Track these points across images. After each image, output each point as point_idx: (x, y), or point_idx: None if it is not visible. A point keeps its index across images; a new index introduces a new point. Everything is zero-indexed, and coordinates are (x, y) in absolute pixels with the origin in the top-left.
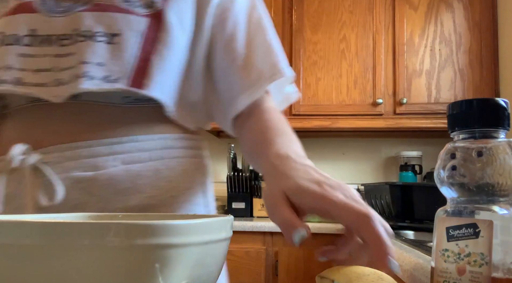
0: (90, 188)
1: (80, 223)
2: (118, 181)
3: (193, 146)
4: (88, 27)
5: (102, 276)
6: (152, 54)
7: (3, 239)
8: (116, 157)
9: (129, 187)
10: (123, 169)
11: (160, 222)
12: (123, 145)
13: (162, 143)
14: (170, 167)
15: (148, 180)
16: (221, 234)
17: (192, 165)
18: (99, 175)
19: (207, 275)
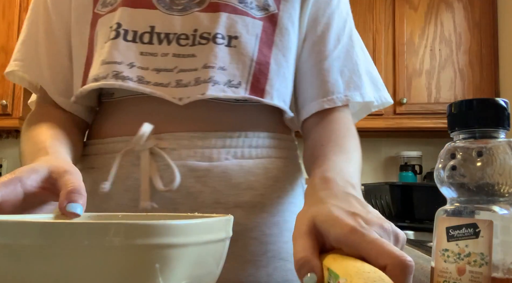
0: (205, 178)
1: (80, 223)
2: (231, 175)
3: (292, 147)
4: (207, 28)
5: (102, 276)
6: (270, 58)
7: (3, 239)
8: (228, 151)
9: (241, 182)
10: (236, 163)
11: (160, 222)
12: (235, 140)
13: (268, 142)
14: (277, 167)
15: (259, 178)
16: (221, 234)
17: (294, 166)
18: (213, 166)
19: (207, 275)
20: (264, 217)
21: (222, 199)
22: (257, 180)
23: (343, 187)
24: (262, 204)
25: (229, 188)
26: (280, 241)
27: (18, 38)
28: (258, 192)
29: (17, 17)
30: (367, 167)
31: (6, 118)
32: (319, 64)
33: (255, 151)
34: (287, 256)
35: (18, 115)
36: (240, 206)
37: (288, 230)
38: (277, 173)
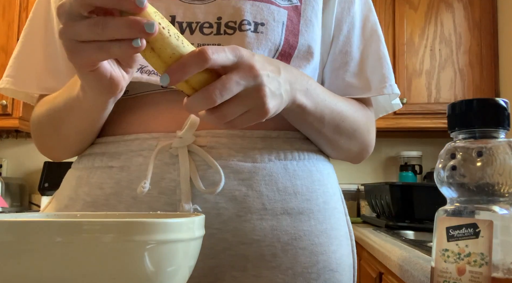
0: (250, 180)
1: (51, 221)
2: (277, 178)
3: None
4: (232, 16)
5: (74, 272)
6: (295, 48)
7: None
8: (271, 151)
9: (288, 186)
10: (281, 166)
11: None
12: (275, 140)
13: (306, 143)
14: (319, 170)
15: (304, 181)
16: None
17: (331, 169)
18: (258, 168)
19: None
20: (312, 224)
21: (269, 205)
22: (303, 184)
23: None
24: (309, 211)
25: (276, 193)
26: (329, 250)
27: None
28: (305, 197)
29: (17, 17)
30: (367, 167)
31: (6, 118)
32: (349, 65)
33: (298, 152)
34: (337, 267)
35: (18, 115)
36: (288, 213)
37: (335, 238)
38: (320, 176)
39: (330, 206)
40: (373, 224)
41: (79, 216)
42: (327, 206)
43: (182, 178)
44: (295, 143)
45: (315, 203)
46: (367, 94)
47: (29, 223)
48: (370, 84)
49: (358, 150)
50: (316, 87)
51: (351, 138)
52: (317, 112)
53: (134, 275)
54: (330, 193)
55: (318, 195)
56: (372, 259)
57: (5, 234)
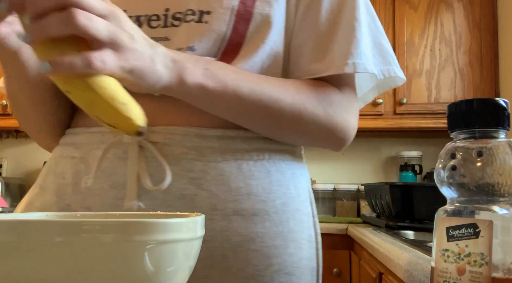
0: (200, 180)
1: (51, 220)
2: (230, 178)
3: (294, 148)
4: (179, 6)
5: (74, 272)
6: (244, 36)
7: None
8: (226, 151)
9: (241, 186)
10: (235, 165)
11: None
12: (233, 139)
13: (268, 142)
14: (280, 170)
15: (260, 182)
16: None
17: (299, 169)
18: (210, 167)
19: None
20: (266, 226)
21: (219, 205)
22: (259, 185)
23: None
24: (264, 212)
25: (227, 193)
26: (285, 253)
27: None
28: (260, 198)
29: None
30: (367, 167)
31: (6, 118)
32: (315, 39)
33: (257, 152)
34: (294, 271)
35: None
36: (240, 214)
37: (294, 240)
38: (280, 177)
39: (291, 208)
40: (373, 224)
41: (79, 216)
42: (287, 207)
43: (129, 174)
44: (255, 143)
45: (272, 204)
46: (327, 72)
47: (29, 223)
48: (334, 60)
49: (317, 132)
50: (223, 67)
51: (297, 122)
52: (228, 94)
53: (134, 275)
54: (292, 194)
55: (276, 196)
56: (372, 259)
57: (5, 234)
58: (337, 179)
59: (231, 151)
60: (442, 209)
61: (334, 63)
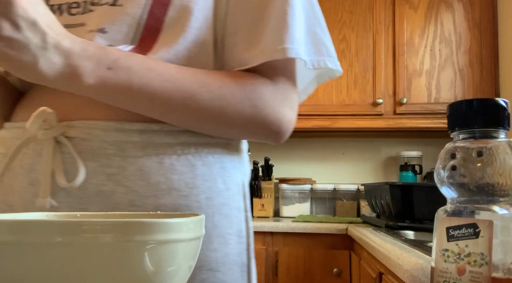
0: (119, 175)
1: (51, 220)
2: (150, 173)
3: (229, 141)
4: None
5: (75, 272)
6: (163, 20)
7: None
8: (148, 146)
9: (161, 181)
10: (156, 160)
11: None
12: (156, 133)
13: (196, 135)
14: (207, 164)
15: (183, 176)
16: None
17: (231, 162)
18: (129, 162)
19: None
20: None
21: (138, 201)
22: (181, 179)
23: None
24: (186, 208)
25: (146, 189)
26: (207, 249)
27: None
28: (182, 193)
29: None
30: (367, 167)
31: None
32: (244, 29)
33: (182, 146)
34: (217, 266)
35: None
36: (160, 210)
37: (218, 236)
38: (206, 171)
39: (216, 202)
40: (373, 224)
41: (79, 216)
42: (211, 202)
43: (42, 170)
44: (181, 136)
45: (195, 199)
46: (257, 61)
47: (29, 223)
48: (265, 47)
49: (248, 127)
50: (135, 64)
51: (219, 117)
52: (133, 92)
53: (134, 275)
54: (219, 189)
55: (200, 191)
56: (372, 259)
57: (5, 234)
58: (337, 179)
59: (153, 145)
60: (442, 209)
61: (265, 51)
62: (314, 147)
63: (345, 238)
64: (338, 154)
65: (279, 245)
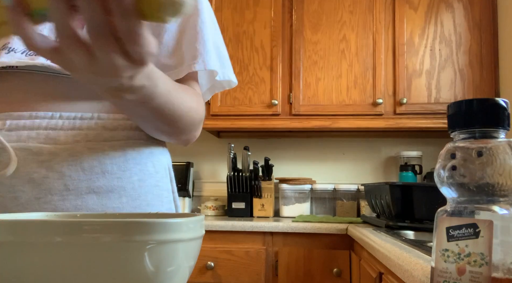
0: (51, 162)
1: (50, 221)
2: (82, 158)
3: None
4: None
5: (76, 272)
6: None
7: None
8: (78, 133)
9: (95, 165)
10: (87, 146)
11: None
12: (85, 121)
13: (127, 124)
14: (137, 149)
15: (115, 160)
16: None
17: (157, 148)
18: (60, 149)
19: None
20: (123, 202)
21: (72, 185)
22: (113, 163)
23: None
24: (120, 188)
25: (80, 173)
26: None
27: None
28: (115, 175)
29: None
30: (367, 167)
31: None
32: (162, 38)
33: (111, 133)
34: None
35: None
36: (94, 192)
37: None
38: (136, 155)
39: (148, 184)
40: (373, 224)
41: (79, 216)
42: (144, 183)
43: None
44: (109, 124)
45: (128, 181)
46: (179, 71)
47: (29, 223)
48: (183, 60)
49: (184, 138)
50: (164, 81)
51: (180, 133)
52: (150, 106)
53: (134, 275)
54: (149, 171)
55: (133, 173)
56: (372, 259)
57: (5, 234)
58: (337, 179)
59: (84, 132)
60: (442, 209)
61: (186, 62)
62: (314, 147)
63: (345, 238)
64: (338, 154)
65: (279, 245)
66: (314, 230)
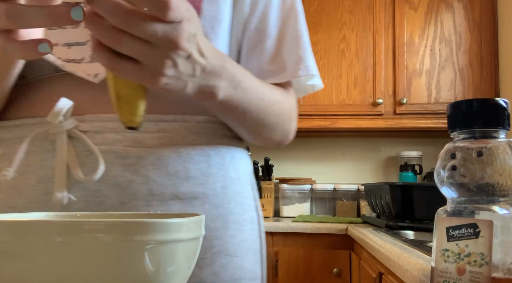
0: (136, 166)
1: (50, 221)
2: (168, 162)
3: (236, 135)
4: None
5: (75, 271)
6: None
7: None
8: (164, 135)
9: (179, 170)
10: (173, 150)
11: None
12: (171, 124)
13: (210, 127)
14: (220, 154)
15: (199, 165)
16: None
17: (239, 154)
18: (146, 152)
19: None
20: (206, 209)
21: (157, 190)
22: (197, 168)
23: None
24: (204, 195)
25: (165, 178)
26: (226, 235)
27: None
28: (199, 181)
29: None
30: (367, 167)
31: None
32: (264, 44)
33: (195, 136)
34: (235, 252)
35: None
36: (178, 198)
37: (234, 222)
38: (220, 160)
39: (231, 191)
40: (373, 224)
41: (79, 216)
42: (226, 190)
43: (57, 165)
44: (194, 127)
45: (211, 187)
46: (282, 77)
47: (29, 223)
48: (285, 66)
49: (279, 138)
50: (244, 82)
51: (274, 129)
52: (241, 108)
53: (134, 275)
54: (231, 177)
55: (216, 179)
56: (372, 259)
57: (5, 234)
58: (337, 179)
59: (169, 135)
60: (442, 209)
61: (289, 68)
62: (314, 147)
63: (345, 238)
64: (338, 154)
65: (279, 245)
66: (314, 230)
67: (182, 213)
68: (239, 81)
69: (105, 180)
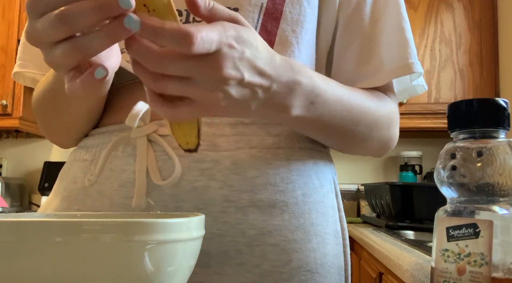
0: (213, 170)
1: (50, 221)
2: (244, 167)
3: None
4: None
5: (74, 272)
6: (275, 34)
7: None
8: (241, 139)
9: (257, 176)
10: (250, 153)
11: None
12: (248, 126)
13: (290, 130)
14: (302, 159)
15: (279, 171)
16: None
17: (322, 159)
18: (222, 156)
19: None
20: (285, 219)
21: (233, 196)
22: (277, 174)
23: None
24: (283, 203)
25: (242, 183)
26: (306, 248)
27: (20, 40)
28: (278, 188)
29: (17, 17)
30: (367, 167)
31: (6, 118)
32: (357, 43)
33: (274, 139)
34: (316, 268)
35: (18, 115)
36: (256, 206)
37: (316, 235)
38: (300, 166)
39: (313, 199)
40: (373, 224)
41: (79, 216)
42: (308, 199)
43: (137, 169)
44: (273, 130)
45: (291, 195)
46: (382, 77)
47: (29, 223)
48: (384, 65)
49: (376, 147)
50: (325, 94)
51: (367, 139)
52: (321, 122)
53: (134, 275)
54: (314, 185)
55: (296, 186)
56: (372, 259)
57: (5, 234)
58: (337, 179)
59: (247, 138)
60: (442, 209)
61: (389, 66)
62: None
63: None
64: (338, 154)
65: None
66: None
67: (182, 213)
68: (317, 95)
69: (182, 185)
